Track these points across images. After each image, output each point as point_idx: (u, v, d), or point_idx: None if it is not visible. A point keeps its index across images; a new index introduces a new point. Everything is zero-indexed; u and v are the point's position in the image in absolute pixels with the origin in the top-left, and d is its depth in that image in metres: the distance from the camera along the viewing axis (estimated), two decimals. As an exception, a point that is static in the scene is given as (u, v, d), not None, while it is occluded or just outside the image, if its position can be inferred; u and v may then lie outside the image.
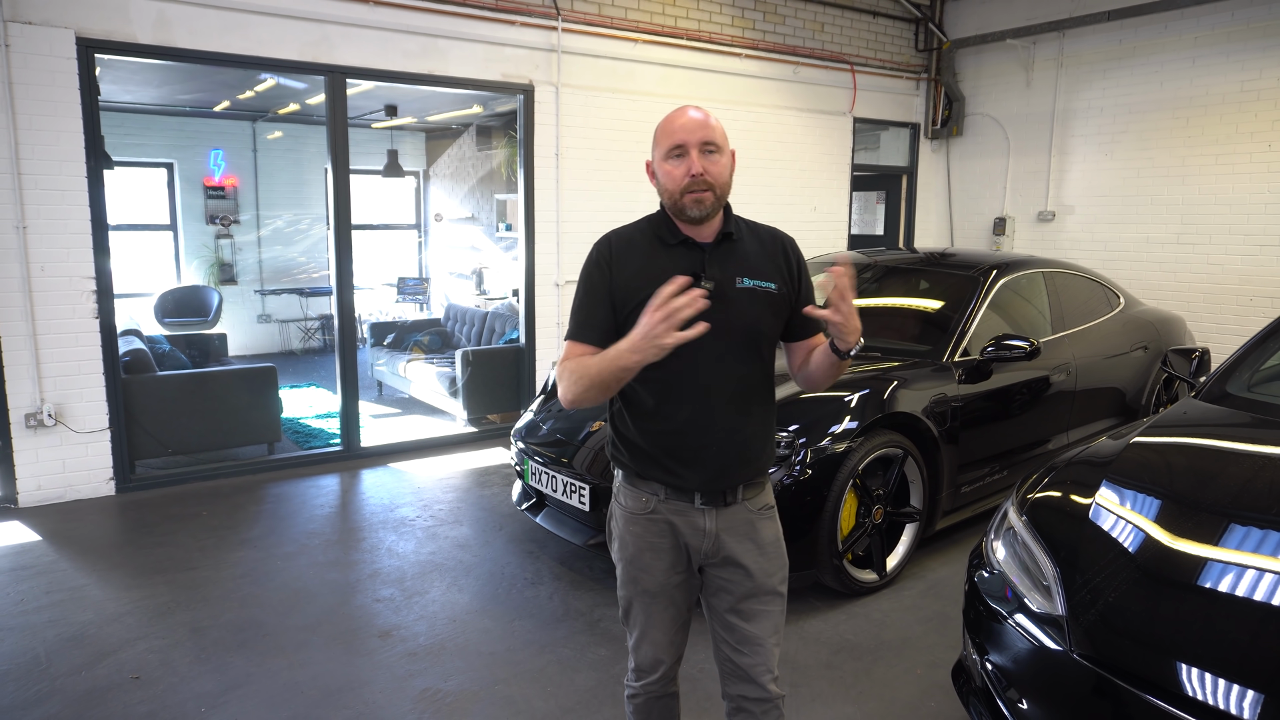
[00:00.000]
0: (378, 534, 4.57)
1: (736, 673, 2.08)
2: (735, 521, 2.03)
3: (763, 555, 2.05)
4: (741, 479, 2.03)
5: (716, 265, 1.98)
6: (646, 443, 2.02)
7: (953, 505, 4.21)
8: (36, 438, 4.83)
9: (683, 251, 1.99)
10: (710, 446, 1.98)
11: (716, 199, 1.95)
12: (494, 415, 6.73)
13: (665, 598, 2.08)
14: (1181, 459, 2.75)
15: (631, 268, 1.98)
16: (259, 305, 10.05)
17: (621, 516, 2.10)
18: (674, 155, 1.94)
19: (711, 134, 1.93)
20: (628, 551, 2.08)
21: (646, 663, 2.14)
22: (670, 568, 2.06)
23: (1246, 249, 6.79)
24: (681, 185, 1.92)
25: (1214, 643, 1.94)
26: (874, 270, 5.21)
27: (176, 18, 4.97)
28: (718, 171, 1.94)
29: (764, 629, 2.06)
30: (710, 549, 2.03)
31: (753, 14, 7.33)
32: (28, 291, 4.71)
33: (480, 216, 10.00)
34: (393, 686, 3.11)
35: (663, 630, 2.11)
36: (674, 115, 1.97)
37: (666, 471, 2.01)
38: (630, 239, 2.03)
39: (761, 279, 2.00)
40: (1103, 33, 7.49)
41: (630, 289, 1.95)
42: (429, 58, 5.85)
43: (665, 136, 1.95)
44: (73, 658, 3.27)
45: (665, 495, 2.03)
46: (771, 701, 2.07)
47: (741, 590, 2.04)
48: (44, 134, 4.65)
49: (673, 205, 1.97)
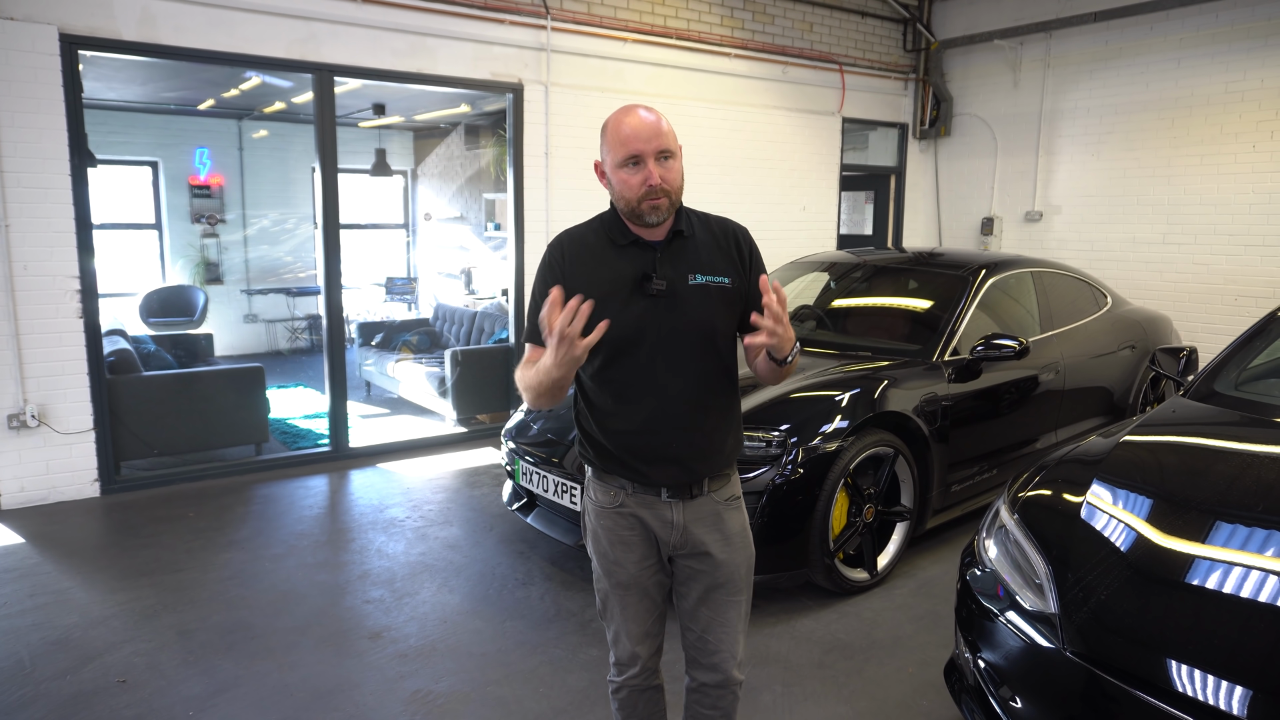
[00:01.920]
0: (367, 535, 4.54)
1: (702, 659, 2.15)
2: (702, 513, 2.06)
3: (729, 545, 2.09)
4: (706, 472, 2.05)
5: (668, 264, 1.99)
6: (609, 442, 2.05)
7: (943, 504, 4.22)
8: (19, 439, 4.78)
9: (634, 251, 2.00)
10: (672, 444, 2.01)
11: (672, 203, 1.96)
12: (483, 415, 6.70)
13: (638, 589, 2.11)
14: (1171, 457, 2.77)
15: (584, 269, 2.00)
16: (245, 305, 9.97)
17: (593, 511, 2.13)
18: (629, 164, 1.92)
19: (665, 141, 1.92)
20: (600, 545, 2.12)
21: (625, 655, 2.18)
22: (641, 559, 2.09)
23: (1231, 249, 6.84)
24: (640, 194, 1.92)
25: (1205, 639, 1.95)
26: (863, 270, 5.22)
27: (162, 14, 4.92)
28: (673, 178, 1.94)
29: (730, 618, 2.11)
30: (678, 541, 2.06)
31: (742, 14, 7.33)
32: (10, 291, 4.65)
33: (469, 216, 9.96)
34: (383, 688, 3.08)
35: (638, 622, 2.14)
36: (624, 118, 1.93)
37: (631, 469, 2.04)
38: (583, 239, 2.05)
39: (714, 274, 2.01)
40: (1089, 34, 7.54)
41: (583, 291, 1.93)
42: (418, 56, 5.81)
43: (619, 144, 1.92)
44: (57, 661, 3.23)
45: (632, 490, 2.06)
46: (729, 687, 2.15)
47: (709, 580, 2.09)
48: (26, 131, 4.59)
49: (629, 211, 1.97)
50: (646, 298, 1.96)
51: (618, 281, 1.97)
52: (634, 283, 1.97)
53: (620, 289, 1.97)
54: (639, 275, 1.97)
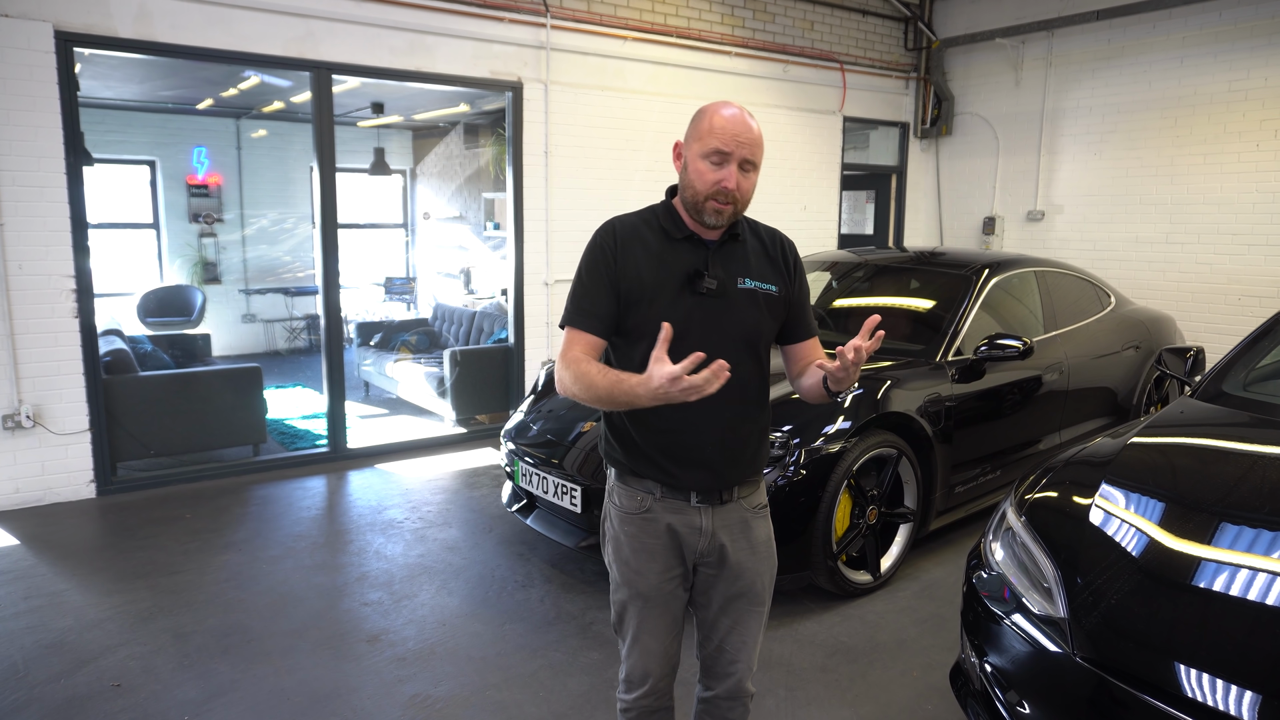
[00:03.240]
0: (365, 536, 4.50)
1: (718, 669, 2.12)
2: (730, 520, 2.03)
3: (755, 555, 2.06)
4: (736, 479, 2.02)
5: (720, 264, 1.98)
6: (643, 441, 2.00)
7: (946, 505, 4.19)
8: (14, 439, 4.74)
9: (688, 247, 1.98)
10: (706, 447, 1.97)
11: (735, 213, 1.96)
12: (482, 416, 6.66)
13: (660, 602, 2.04)
14: (1180, 459, 2.73)
15: (636, 259, 1.96)
16: (243, 305, 9.94)
17: (616, 517, 2.07)
18: (714, 157, 1.89)
19: (755, 152, 1.93)
20: (623, 553, 2.05)
21: (637, 673, 2.08)
22: (665, 569, 2.02)
23: (1234, 248, 6.81)
24: (710, 191, 1.90)
25: (1220, 646, 1.92)
26: (865, 269, 5.19)
27: (158, 11, 4.88)
28: (748, 188, 1.94)
29: (751, 628, 2.09)
30: (706, 547, 2.02)
31: (742, 12, 7.30)
32: (5, 290, 4.61)
33: (468, 215, 9.92)
34: (381, 692, 3.05)
35: (655, 638, 2.06)
36: (723, 109, 1.91)
37: (662, 470, 1.99)
38: (635, 229, 2.01)
39: (762, 281, 2.01)
40: (1091, 32, 7.51)
41: (635, 280, 1.94)
42: (417, 54, 5.78)
43: (711, 134, 1.89)
44: (52, 665, 3.19)
45: (661, 494, 2.00)
46: (742, 699, 2.14)
47: (732, 590, 2.05)
48: (21, 129, 4.55)
49: (693, 204, 1.95)
50: (695, 295, 1.94)
51: (668, 275, 1.94)
52: (685, 279, 1.95)
53: (670, 283, 1.94)
54: (690, 272, 1.95)
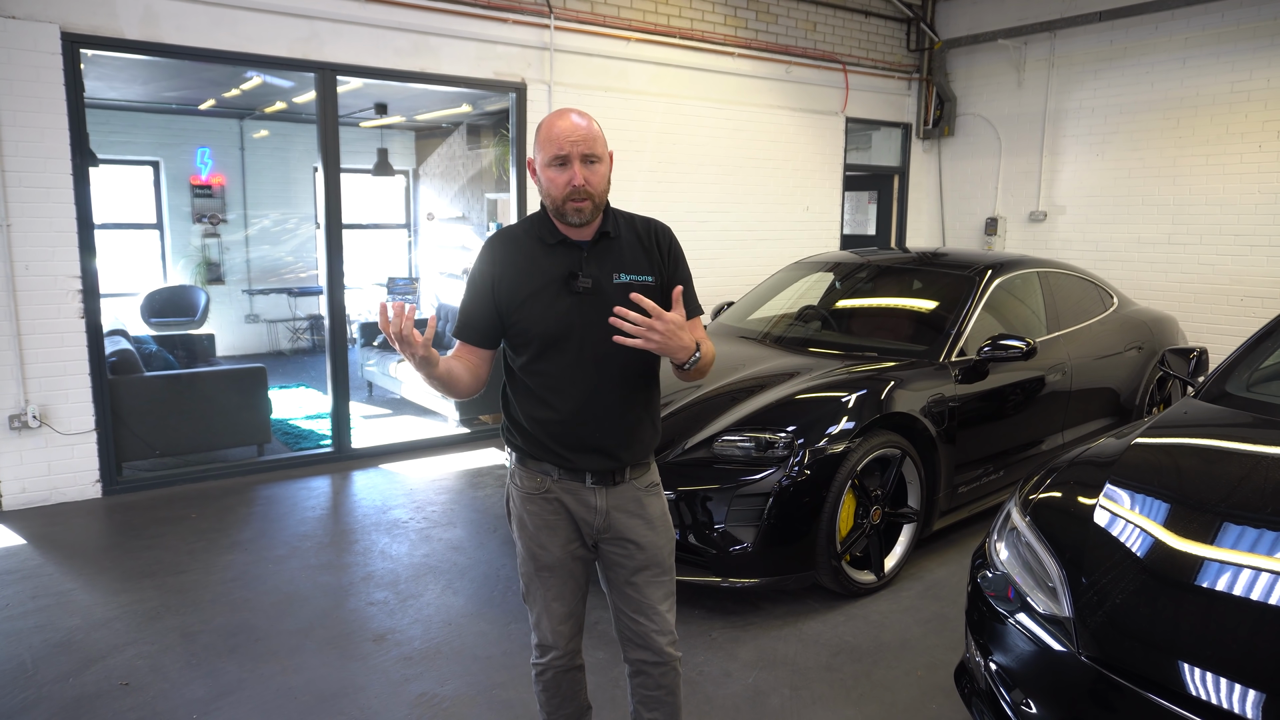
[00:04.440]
0: (370, 536, 4.52)
1: (635, 639, 2.23)
2: (624, 499, 2.16)
3: (652, 529, 2.19)
4: (628, 460, 2.16)
5: (594, 263, 2.11)
6: (537, 430, 2.14)
7: (950, 506, 4.20)
8: (21, 439, 4.75)
9: (562, 251, 2.11)
10: (597, 434, 2.12)
11: (595, 206, 2.06)
12: (486, 416, 6.68)
13: (563, 571, 2.20)
14: (1185, 459, 2.74)
15: (514, 268, 2.11)
16: (247, 305, 9.95)
17: (519, 497, 2.21)
18: (556, 163, 2.02)
19: (593, 145, 2.02)
20: (526, 530, 2.20)
21: (549, 637, 2.25)
22: (566, 542, 2.19)
23: (1237, 249, 6.82)
24: (564, 194, 2.02)
25: (1224, 645, 1.93)
26: (868, 270, 5.19)
27: (164, 13, 4.90)
28: (597, 181, 2.04)
29: (657, 596, 2.20)
30: (602, 525, 2.16)
31: (745, 13, 7.31)
32: (11, 291, 4.63)
33: (471, 216, 9.94)
34: (388, 692, 3.06)
35: (562, 601, 2.22)
36: (556, 120, 2.03)
37: (558, 455, 2.13)
38: (515, 239, 2.15)
39: (637, 273, 2.13)
40: (1094, 33, 7.52)
41: (513, 289, 2.09)
42: (420, 55, 5.79)
43: (548, 143, 2.02)
44: (60, 664, 3.21)
45: (558, 476, 2.15)
46: (668, 664, 2.23)
47: (634, 563, 2.18)
48: (28, 130, 4.57)
49: (554, 209, 2.08)
50: (573, 295, 2.07)
51: (546, 279, 2.08)
52: (561, 281, 2.08)
53: (549, 286, 2.08)
54: (566, 273, 2.08)
